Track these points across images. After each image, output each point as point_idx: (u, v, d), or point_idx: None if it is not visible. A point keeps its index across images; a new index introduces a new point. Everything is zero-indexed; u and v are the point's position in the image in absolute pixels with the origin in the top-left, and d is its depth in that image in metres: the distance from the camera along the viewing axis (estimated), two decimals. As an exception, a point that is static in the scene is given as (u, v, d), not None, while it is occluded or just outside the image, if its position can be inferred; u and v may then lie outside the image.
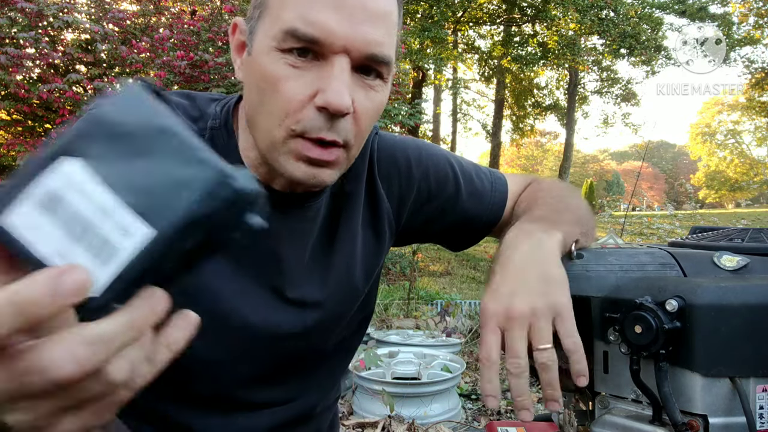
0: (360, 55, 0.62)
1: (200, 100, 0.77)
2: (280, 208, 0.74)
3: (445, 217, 0.92)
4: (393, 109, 6.30)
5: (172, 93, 0.78)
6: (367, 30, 0.61)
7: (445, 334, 3.62)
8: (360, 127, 0.66)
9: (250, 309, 0.74)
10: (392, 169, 0.87)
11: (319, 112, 0.62)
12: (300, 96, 0.62)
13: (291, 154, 0.64)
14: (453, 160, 0.93)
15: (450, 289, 6.75)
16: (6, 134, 5.36)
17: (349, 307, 0.85)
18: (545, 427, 0.88)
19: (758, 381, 0.58)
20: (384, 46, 0.63)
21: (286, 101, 0.62)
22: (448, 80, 18.08)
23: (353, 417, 2.52)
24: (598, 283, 0.68)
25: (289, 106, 0.62)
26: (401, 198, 0.88)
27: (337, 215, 0.81)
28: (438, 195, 0.90)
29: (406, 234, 0.93)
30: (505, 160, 37.55)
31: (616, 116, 21.32)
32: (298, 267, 0.78)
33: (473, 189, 0.92)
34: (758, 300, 0.58)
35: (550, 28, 15.14)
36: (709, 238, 0.78)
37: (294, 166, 0.64)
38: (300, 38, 0.60)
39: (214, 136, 0.73)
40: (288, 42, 0.61)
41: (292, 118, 0.62)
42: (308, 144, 0.63)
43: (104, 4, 5.73)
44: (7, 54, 4.21)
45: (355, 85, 0.64)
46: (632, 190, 6.22)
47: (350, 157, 0.69)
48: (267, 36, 0.63)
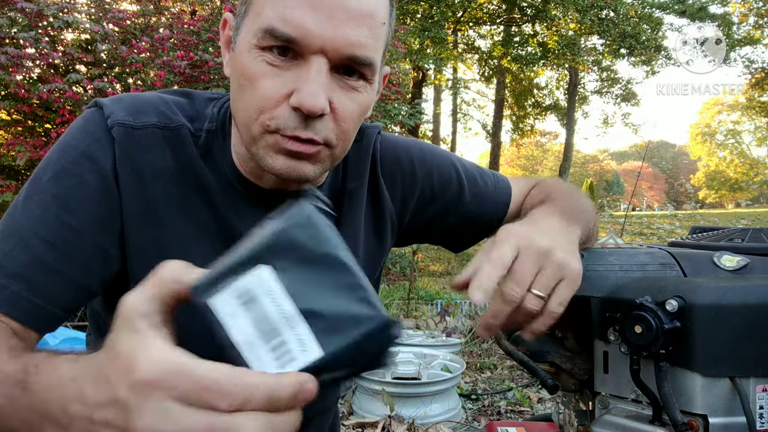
0: (339, 56, 0.62)
1: (198, 99, 0.77)
2: (272, 207, 0.74)
3: (448, 218, 0.92)
4: (393, 109, 6.30)
5: (171, 91, 0.78)
6: (348, 31, 0.61)
7: (445, 334, 3.62)
8: (342, 127, 0.66)
9: None
10: (396, 169, 0.87)
11: (294, 111, 0.62)
12: (276, 94, 0.62)
13: (269, 147, 0.64)
14: (456, 162, 0.94)
15: (450, 289, 6.75)
16: (6, 134, 5.35)
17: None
18: (545, 427, 0.89)
19: (758, 381, 0.58)
20: (365, 48, 0.63)
21: (262, 98, 0.62)
22: (448, 80, 18.08)
23: (353, 417, 2.52)
24: (598, 283, 0.68)
25: (264, 103, 0.62)
26: (404, 198, 0.88)
27: (337, 213, 0.81)
28: (441, 196, 0.90)
29: (408, 234, 0.93)
30: (505, 160, 37.52)
31: (616, 116, 21.34)
32: None
33: (477, 190, 0.92)
34: (758, 300, 0.58)
35: (550, 28, 15.13)
36: (709, 238, 0.78)
37: (273, 158, 0.64)
38: (278, 37, 0.61)
39: (210, 138, 0.73)
40: (267, 40, 0.61)
41: (267, 115, 0.63)
42: (285, 139, 0.63)
43: (104, 4, 5.73)
44: (7, 54, 4.21)
45: (335, 85, 0.63)
46: (632, 190, 6.22)
47: (335, 156, 0.69)
48: (249, 33, 0.63)
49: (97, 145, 0.67)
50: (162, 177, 0.69)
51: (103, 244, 0.67)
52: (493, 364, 3.55)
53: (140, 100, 0.72)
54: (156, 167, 0.69)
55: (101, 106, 0.69)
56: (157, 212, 0.69)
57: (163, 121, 0.70)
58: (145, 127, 0.69)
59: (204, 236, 0.72)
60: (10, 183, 4.41)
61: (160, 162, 0.69)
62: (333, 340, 0.37)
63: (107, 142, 0.67)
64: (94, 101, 0.71)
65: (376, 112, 6.33)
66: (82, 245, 0.65)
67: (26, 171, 5.02)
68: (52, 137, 4.62)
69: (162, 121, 0.70)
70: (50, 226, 0.63)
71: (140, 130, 0.69)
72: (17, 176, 5.00)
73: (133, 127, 0.68)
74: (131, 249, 0.69)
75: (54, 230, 0.63)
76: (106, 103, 0.70)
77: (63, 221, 0.64)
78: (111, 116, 0.68)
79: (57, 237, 0.63)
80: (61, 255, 0.63)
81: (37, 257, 0.62)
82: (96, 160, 0.66)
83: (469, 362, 3.45)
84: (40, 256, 0.63)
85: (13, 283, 0.61)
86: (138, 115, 0.69)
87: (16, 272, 0.61)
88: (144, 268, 0.68)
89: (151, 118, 0.70)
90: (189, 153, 0.71)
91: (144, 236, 0.69)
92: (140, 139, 0.68)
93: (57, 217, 0.64)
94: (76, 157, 0.66)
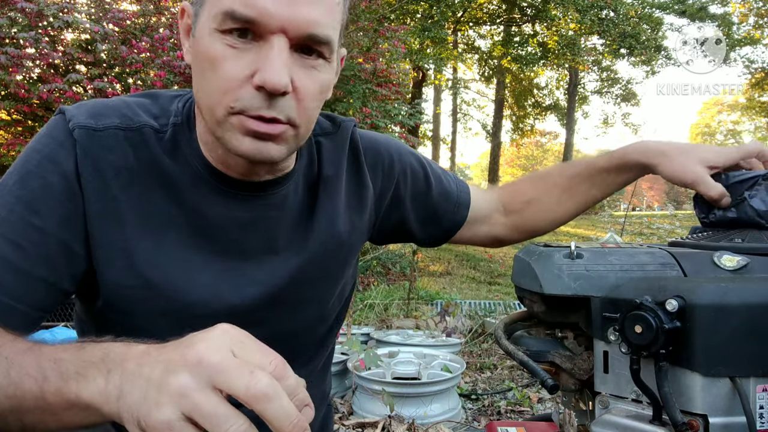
0: (298, 35, 0.63)
1: (163, 98, 0.78)
2: (250, 200, 0.76)
3: (417, 213, 0.97)
4: (393, 109, 6.31)
5: (136, 94, 0.80)
6: (305, 10, 0.63)
7: (445, 334, 3.63)
8: (303, 105, 0.67)
9: (213, 296, 0.75)
10: (377, 161, 0.91)
11: (257, 91, 0.63)
12: (239, 75, 0.63)
13: (234, 129, 0.65)
14: (424, 161, 1.00)
15: (450, 289, 6.74)
16: (6, 134, 5.36)
17: (323, 292, 0.86)
18: (545, 427, 0.89)
19: (758, 381, 0.58)
20: (323, 27, 0.64)
21: (225, 80, 0.63)
22: (448, 80, 18.09)
23: (353, 417, 2.52)
24: (598, 283, 0.68)
25: (227, 85, 0.64)
26: (382, 190, 0.92)
27: (314, 199, 0.83)
28: (412, 191, 0.96)
29: (381, 229, 0.96)
30: (505, 160, 37.50)
31: (616, 116, 21.36)
32: (268, 253, 0.79)
33: (442, 188, 0.98)
34: (758, 300, 0.58)
35: (550, 28, 15.13)
36: (709, 238, 0.78)
37: (239, 140, 0.66)
38: (238, 19, 0.62)
39: (176, 132, 0.74)
40: (227, 23, 0.62)
41: (231, 96, 0.64)
42: (250, 120, 0.64)
43: (104, 4, 5.73)
44: (7, 54, 4.21)
45: (295, 64, 0.65)
46: (632, 190, 6.22)
47: (299, 135, 0.70)
48: (208, 18, 0.64)
49: (59, 148, 0.68)
50: (122, 176, 0.71)
51: (69, 242, 0.68)
52: (493, 364, 3.55)
53: (102, 104, 0.74)
54: (117, 167, 0.70)
55: (64, 112, 0.71)
56: (120, 210, 0.70)
57: (124, 122, 0.72)
58: (107, 129, 0.71)
59: (171, 229, 0.73)
60: (10, 183, 4.40)
61: (120, 161, 0.70)
62: None
63: (69, 144, 0.69)
64: (59, 108, 0.73)
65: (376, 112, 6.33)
66: (47, 244, 0.66)
67: (26, 171, 5.01)
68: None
69: (123, 122, 0.72)
70: (15, 226, 0.65)
71: (101, 131, 0.70)
72: (17, 176, 4.99)
73: (95, 129, 0.70)
74: (96, 247, 0.70)
75: (19, 230, 0.65)
76: (68, 109, 0.72)
77: (28, 221, 0.65)
78: (72, 119, 0.70)
79: (22, 237, 0.65)
80: (27, 254, 0.65)
81: (4, 258, 0.64)
82: (58, 162, 0.68)
83: (469, 362, 3.45)
84: (6, 256, 0.64)
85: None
86: (99, 117, 0.71)
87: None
88: (109, 265, 0.69)
89: (113, 120, 0.72)
90: (152, 151, 0.72)
91: (108, 234, 0.70)
92: (101, 141, 0.70)
93: (22, 218, 0.65)
94: (39, 160, 0.68)
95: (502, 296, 6.40)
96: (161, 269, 0.72)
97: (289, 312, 0.82)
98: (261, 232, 0.78)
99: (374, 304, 4.78)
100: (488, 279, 8.26)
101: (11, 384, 0.53)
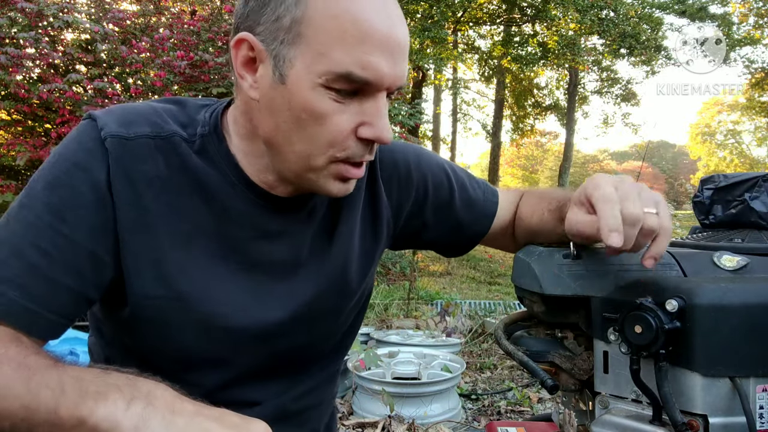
0: (393, 89, 0.68)
1: (190, 106, 0.78)
2: (281, 212, 0.77)
3: (439, 223, 0.94)
4: (393, 109, 6.30)
5: (162, 100, 0.79)
6: (403, 67, 0.67)
7: (445, 334, 3.63)
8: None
9: (240, 310, 0.75)
10: (393, 172, 0.90)
11: (361, 142, 0.68)
12: (346, 129, 0.67)
13: (331, 175, 0.70)
14: (448, 168, 0.96)
15: (450, 289, 6.75)
16: (6, 134, 5.36)
17: (342, 303, 0.86)
18: (545, 427, 0.89)
19: (758, 381, 0.58)
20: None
21: (332, 134, 0.67)
22: (448, 80, 18.08)
23: (353, 417, 2.52)
24: (598, 283, 0.68)
25: (334, 139, 0.67)
26: (400, 201, 0.90)
27: (337, 212, 0.83)
28: (434, 201, 0.93)
29: (401, 238, 0.95)
30: (505, 160, 37.48)
31: (616, 116, 21.33)
32: (293, 266, 0.79)
33: (467, 197, 0.95)
34: (758, 300, 0.58)
35: (550, 28, 15.12)
36: (709, 238, 0.78)
37: (332, 184, 0.71)
38: (355, 82, 0.64)
39: (205, 142, 0.74)
40: (340, 83, 0.64)
41: (338, 148, 0.68)
42: (349, 167, 0.69)
43: (104, 4, 5.73)
44: (7, 54, 4.21)
45: None
46: (632, 190, 6.19)
47: None
48: (310, 72, 0.64)
49: (90, 157, 0.68)
50: (154, 185, 0.70)
51: (96, 252, 0.68)
52: (493, 364, 3.55)
53: (132, 111, 0.73)
54: (149, 176, 0.70)
55: (95, 119, 0.71)
56: (151, 219, 0.70)
57: (155, 130, 0.72)
58: (138, 138, 0.70)
59: (200, 239, 0.73)
60: (10, 183, 4.41)
61: (152, 171, 0.70)
62: None
63: (101, 153, 0.68)
64: (88, 113, 0.72)
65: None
66: (75, 253, 0.66)
67: (26, 171, 5.02)
68: (52, 137, 4.62)
69: (154, 130, 0.72)
70: (43, 233, 0.65)
71: (133, 140, 0.70)
72: (17, 176, 5.01)
73: (126, 138, 0.70)
74: (126, 257, 0.70)
75: (47, 237, 0.64)
76: (99, 116, 0.71)
77: (56, 229, 0.65)
78: (104, 128, 0.69)
79: (50, 244, 0.64)
80: (54, 262, 0.64)
81: (31, 264, 0.63)
82: (89, 171, 0.67)
83: (469, 362, 3.45)
84: (34, 262, 0.64)
85: (8, 290, 0.62)
86: (130, 126, 0.71)
87: (10, 279, 0.62)
88: (138, 275, 0.69)
89: (144, 129, 0.71)
90: (183, 158, 0.72)
91: (138, 244, 0.70)
92: (133, 150, 0.70)
93: (50, 225, 0.65)
94: (68, 168, 0.67)
95: (502, 296, 6.41)
96: (190, 281, 0.72)
97: (310, 325, 0.82)
98: (288, 244, 0.78)
99: (374, 304, 4.78)
100: (488, 279, 8.27)
101: (29, 393, 0.54)
